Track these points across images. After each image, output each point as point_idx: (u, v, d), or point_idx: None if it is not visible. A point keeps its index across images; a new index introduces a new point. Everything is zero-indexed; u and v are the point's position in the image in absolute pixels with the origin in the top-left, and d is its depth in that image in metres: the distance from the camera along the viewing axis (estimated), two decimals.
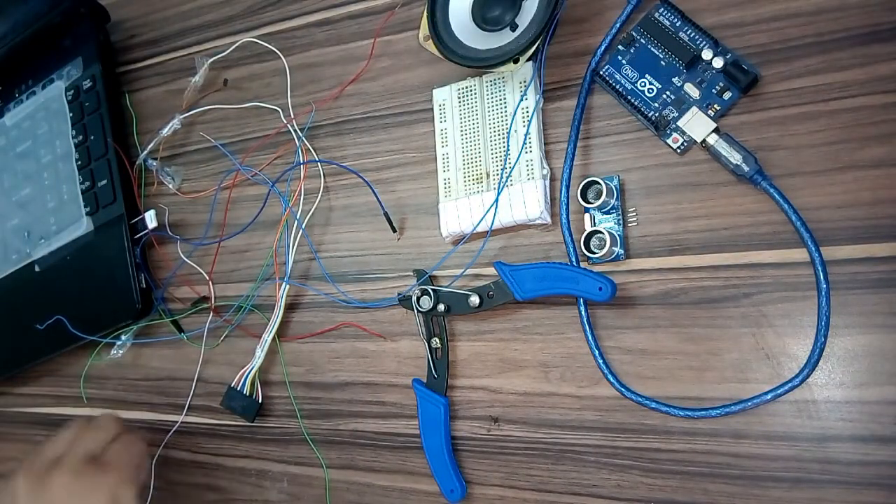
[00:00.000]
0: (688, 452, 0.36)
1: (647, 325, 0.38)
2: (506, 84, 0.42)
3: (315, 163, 0.48)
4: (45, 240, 0.56)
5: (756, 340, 0.35)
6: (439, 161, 0.43)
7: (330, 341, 0.46)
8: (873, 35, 0.35)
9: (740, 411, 0.35)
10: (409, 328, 0.44)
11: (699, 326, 0.36)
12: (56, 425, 0.57)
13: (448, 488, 0.40)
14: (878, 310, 0.33)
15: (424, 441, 0.41)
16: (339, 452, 0.45)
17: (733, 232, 0.36)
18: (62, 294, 0.54)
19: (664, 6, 0.39)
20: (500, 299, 0.39)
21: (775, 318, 0.35)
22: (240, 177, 0.51)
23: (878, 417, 0.33)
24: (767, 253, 0.35)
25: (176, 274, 0.52)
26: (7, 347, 0.58)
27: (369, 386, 0.45)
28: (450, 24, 0.41)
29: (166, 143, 0.53)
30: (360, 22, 0.49)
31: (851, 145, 0.34)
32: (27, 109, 0.60)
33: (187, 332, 0.51)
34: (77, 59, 0.58)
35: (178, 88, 0.55)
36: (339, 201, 0.48)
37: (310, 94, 0.50)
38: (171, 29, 0.57)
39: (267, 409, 0.48)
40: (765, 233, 0.36)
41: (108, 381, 0.55)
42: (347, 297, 0.46)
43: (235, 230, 0.50)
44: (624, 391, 0.37)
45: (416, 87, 0.46)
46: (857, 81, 0.35)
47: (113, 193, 0.53)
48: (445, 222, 0.42)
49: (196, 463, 0.50)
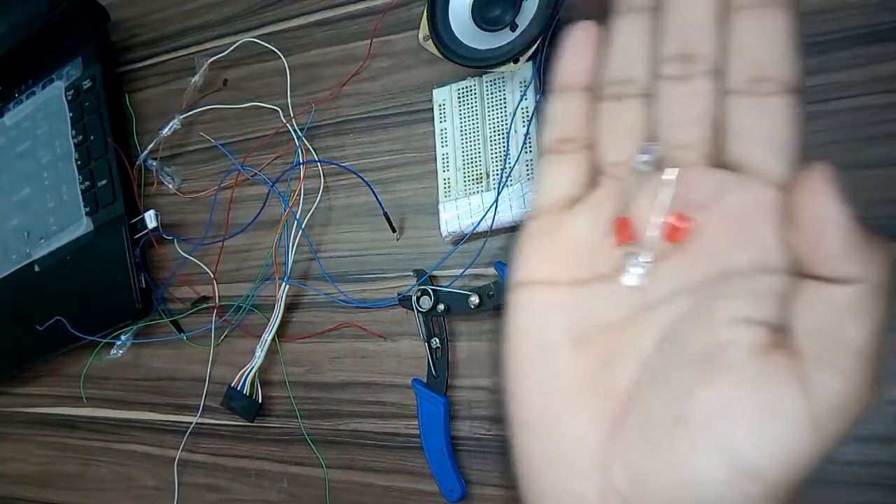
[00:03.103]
0: None
1: None
2: (506, 84, 0.42)
3: (315, 163, 0.48)
4: (44, 240, 0.56)
5: None
6: (439, 161, 0.43)
7: (330, 341, 0.46)
8: (873, 35, 0.35)
9: None
10: (409, 328, 0.44)
11: None
12: (56, 425, 0.57)
13: (448, 488, 0.40)
14: None
15: (424, 441, 0.41)
16: (339, 452, 0.45)
17: None
18: (62, 294, 0.54)
19: None
20: (500, 299, 0.39)
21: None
22: (240, 177, 0.51)
23: (877, 417, 0.33)
24: None
25: (176, 274, 0.52)
26: (7, 348, 0.58)
27: (369, 386, 0.45)
28: (450, 24, 0.41)
29: (166, 143, 0.53)
30: (359, 22, 0.49)
31: (852, 145, 0.34)
32: (27, 109, 0.60)
33: (187, 331, 0.51)
34: (77, 59, 0.58)
35: (178, 88, 0.55)
36: (339, 201, 0.48)
37: (309, 93, 0.50)
38: (171, 29, 0.57)
39: (267, 409, 0.48)
40: None
41: (108, 381, 0.55)
42: (347, 297, 0.46)
43: (235, 230, 0.50)
44: None
45: (415, 87, 0.46)
46: (857, 81, 0.35)
47: (113, 193, 0.53)
48: (445, 222, 0.42)
49: (196, 463, 0.50)
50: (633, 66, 0.20)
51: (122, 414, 0.53)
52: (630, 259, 0.19)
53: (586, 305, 0.19)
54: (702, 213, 0.18)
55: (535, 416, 0.19)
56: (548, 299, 0.20)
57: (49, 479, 0.56)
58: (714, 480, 0.16)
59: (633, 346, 0.19)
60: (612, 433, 0.18)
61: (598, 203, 0.20)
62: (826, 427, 0.16)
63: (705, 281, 0.18)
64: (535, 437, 0.19)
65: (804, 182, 0.17)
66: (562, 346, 0.19)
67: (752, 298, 0.17)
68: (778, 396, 0.16)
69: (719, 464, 0.16)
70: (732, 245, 0.18)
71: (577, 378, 0.19)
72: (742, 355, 0.17)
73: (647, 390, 0.18)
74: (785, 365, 0.16)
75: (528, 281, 0.20)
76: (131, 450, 0.53)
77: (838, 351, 0.16)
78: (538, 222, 0.21)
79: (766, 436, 0.16)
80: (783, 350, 0.16)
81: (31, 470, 0.57)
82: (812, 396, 0.16)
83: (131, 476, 0.53)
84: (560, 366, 0.19)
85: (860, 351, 0.16)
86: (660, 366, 0.18)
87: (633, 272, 0.19)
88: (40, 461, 0.57)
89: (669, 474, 0.17)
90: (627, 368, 0.19)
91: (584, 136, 0.20)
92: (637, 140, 0.20)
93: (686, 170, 0.19)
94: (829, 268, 0.16)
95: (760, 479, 0.16)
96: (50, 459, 0.57)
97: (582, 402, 0.19)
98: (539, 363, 0.20)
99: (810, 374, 0.16)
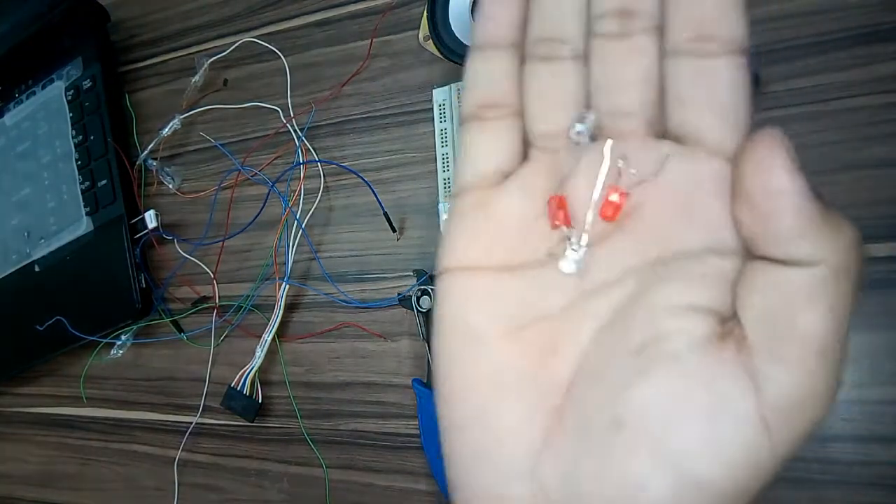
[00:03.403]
0: None
1: None
2: None
3: (315, 163, 0.48)
4: (44, 240, 0.56)
5: None
6: (439, 161, 0.43)
7: (330, 341, 0.46)
8: (873, 35, 0.35)
9: None
10: (409, 328, 0.44)
11: None
12: (56, 425, 0.57)
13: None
14: (878, 310, 0.33)
15: (424, 441, 0.41)
16: (339, 452, 0.45)
17: None
18: (62, 294, 0.54)
19: None
20: None
21: None
22: (240, 177, 0.51)
23: (878, 417, 0.33)
24: None
25: (176, 274, 0.52)
26: (7, 348, 0.58)
27: (369, 386, 0.45)
28: (450, 24, 0.41)
29: (166, 143, 0.53)
30: (359, 22, 0.49)
31: (851, 145, 0.34)
32: (27, 109, 0.60)
33: (187, 331, 0.51)
34: (77, 59, 0.58)
35: (178, 88, 0.55)
36: (339, 201, 0.48)
37: (310, 93, 0.50)
38: (171, 29, 0.57)
39: (267, 409, 0.48)
40: None
41: (108, 381, 0.55)
42: (347, 297, 0.46)
43: (235, 230, 0.50)
44: None
45: (415, 87, 0.46)
46: (857, 81, 0.35)
47: (113, 193, 0.53)
48: (445, 222, 0.42)
49: (196, 463, 0.50)
50: (565, 23, 0.18)
51: (122, 414, 0.53)
52: (567, 243, 0.17)
53: (519, 292, 0.17)
54: (642, 189, 0.16)
55: (463, 413, 0.17)
56: (477, 286, 0.18)
57: (49, 479, 0.56)
58: (655, 489, 0.14)
59: (571, 337, 0.17)
60: (548, 432, 0.16)
61: (529, 179, 0.18)
62: (780, 429, 0.14)
63: (648, 264, 0.16)
64: (464, 436, 0.17)
65: (751, 150, 0.15)
66: (492, 337, 0.17)
67: (697, 283, 0.15)
68: (724, 393, 0.14)
69: (660, 471, 0.14)
70: (677, 224, 0.16)
71: (510, 371, 0.17)
72: (684, 347, 0.15)
73: (584, 386, 0.16)
74: (732, 358, 0.14)
75: (455, 267, 0.18)
76: (131, 450, 0.53)
77: (791, 341, 0.14)
78: (464, 200, 0.19)
79: (712, 439, 0.14)
80: (731, 341, 0.15)
81: (31, 470, 0.57)
82: (762, 393, 0.14)
83: (131, 476, 0.53)
84: (490, 357, 0.17)
85: (815, 342, 0.14)
86: (598, 359, 0.16)
87: (570, 257, 0.17)
88: (40, 461, 0.57)
89: (605, 481, 0.15)
90: (565, 362, 0.17)
91: (511, 102, 0.18)
92: (570, 107, 0.17)
93: (624, 141, 0.17)
94: (781, 247, 0.14)
95: (707, 489, 0.14)
96: (50, 459, 0.57)
97: (515, 398, 0.17)
98: (467, 355, 0.17)
99: (760, 367, 0.14)
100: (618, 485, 0.15)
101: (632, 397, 0.15)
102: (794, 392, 0.14)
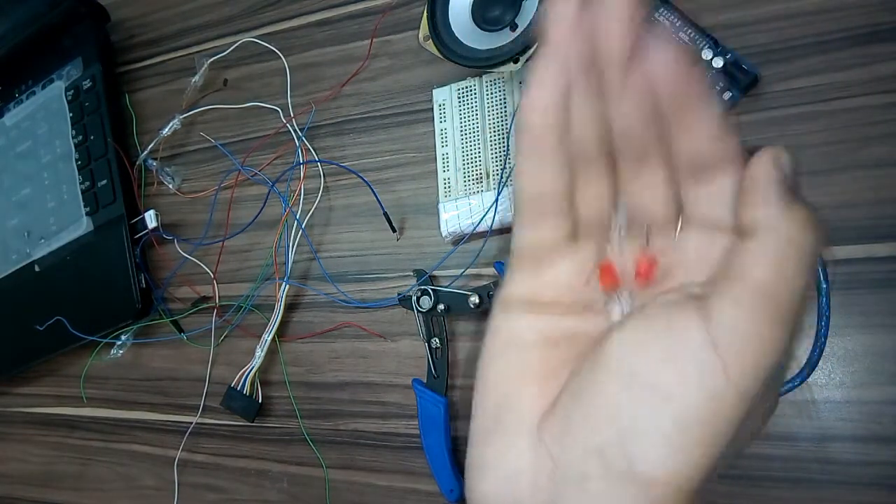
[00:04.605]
0: None
1: None
2: (506, 84, 0.42)
3: (315, 163, 0.48)
4: (45, 240, 0.56)
5: None
6: (439, 161, 0.43)
7: (330, 341, 0.46)
8: (873, 35, 0.35)
9: None
10: (409, 328, 0.44)
11: None
12: (56, 425, 0.57)
13: (448, 488, 0.40)
14: (878, 310, 0.33)
15: (424, 441, 0.41)
16: (339, 452, 0.45)
17: None
18: (62, 294, 0.54)
19: (664, 6, 0.39)
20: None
21: None
22: (240, 177, 0.51)
23: (878, 417, 0.33)
24: None
25: (176, 274, 0.52)
26: (7, 347, 0.58)
27: (369, 386, 0.45)
28: (450, 24, 0.41)
29: (166, 143, 0.53)
30: (359, 22, 0.49)
31: (851, 145, 0.34)
32: (27, 109, 0.60)
33: (187, 331, 0.51)
34: (77, 59, 0.58)
35: (178, 88, 0.55)
36: (339, 201, 0.48)
37: (309, 93, 0.50)
38: (171, 29, 0.57)
39: (267, 409, 0.48)
40: None
41: (108, 381, 0.55)
42: (347, 297, 0.46)
43: (235, 230, 0.50)
44: None
45: (415, 87, 0.46)
46: (857, 81, 0.35)
47: (113, 193, 0.53)
48: (445, 222, 0.42)
49: (196, 463, 0.50)
50: (591, 147, 0.19)
51: (122, 414, 0.53)
52: (613, 300, 0.20)
53: (562, 322, 0.21)
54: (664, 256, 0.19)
55: (494, 401, 0.20)
56: (529, 311, 0.21)
57: (49, 479, 0.56)
58: (630, 418, 0.17)
59: (592, 349, 0.20)
60: (550, 407, 0.19)
61: (580, 252, 0.21)
62: (732, 360, 0.16)
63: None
64: (487, 415, 0.20)
65: (752, 161, 0.17)
66: (531, 343, 0.20)
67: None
68: (679, 323, 0.17)
69: (636, 402, 0.17)
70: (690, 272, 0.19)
71: (537, 370, 0.20)
72: (657, 306, 0.18)
73: (583, 367, 0.19)
74: (691, 307, 0.17)
75: (513, 299, 0.22)
76: (131, 450, 0.53)
77: (737, 283, 0.16)
78: (520, 257, 0.22)
79: (669, 359, 0.17)
80: (692, 299, 0.17)
81: (31, 470, 0.57)
82: (711, 322, 0.16)
83: (131, 476, 0.53)
84: (524, 357, 0.20)
85: (760, 285, 0.16)
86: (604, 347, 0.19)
87: (616, 311, 0.20)
88: (40, 461, 0.57)
89: (594, 417, 0.17)
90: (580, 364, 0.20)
91: (563, 192, 0.20)
92: (609, 198, 0.20)
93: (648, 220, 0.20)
94: (743, 214, 0.17)
95: (680, 412, 0.16)
96: (50, 459, 0.57)
97: (533, 386, 0.20)
98: (506, 353, 0.21)
99: (710, 303, 0.17)
100: (605, 422, 0.17)
101: (608, 348, 0.18)
102: (739, 325, 0.16)
